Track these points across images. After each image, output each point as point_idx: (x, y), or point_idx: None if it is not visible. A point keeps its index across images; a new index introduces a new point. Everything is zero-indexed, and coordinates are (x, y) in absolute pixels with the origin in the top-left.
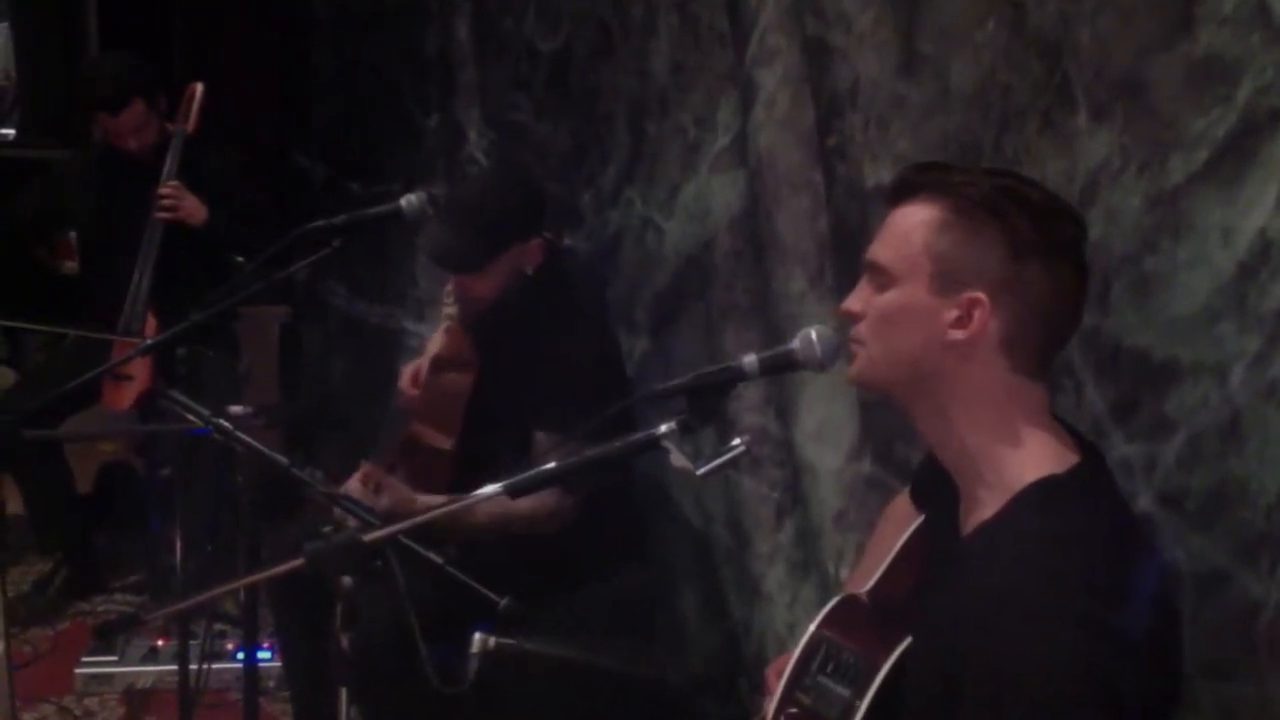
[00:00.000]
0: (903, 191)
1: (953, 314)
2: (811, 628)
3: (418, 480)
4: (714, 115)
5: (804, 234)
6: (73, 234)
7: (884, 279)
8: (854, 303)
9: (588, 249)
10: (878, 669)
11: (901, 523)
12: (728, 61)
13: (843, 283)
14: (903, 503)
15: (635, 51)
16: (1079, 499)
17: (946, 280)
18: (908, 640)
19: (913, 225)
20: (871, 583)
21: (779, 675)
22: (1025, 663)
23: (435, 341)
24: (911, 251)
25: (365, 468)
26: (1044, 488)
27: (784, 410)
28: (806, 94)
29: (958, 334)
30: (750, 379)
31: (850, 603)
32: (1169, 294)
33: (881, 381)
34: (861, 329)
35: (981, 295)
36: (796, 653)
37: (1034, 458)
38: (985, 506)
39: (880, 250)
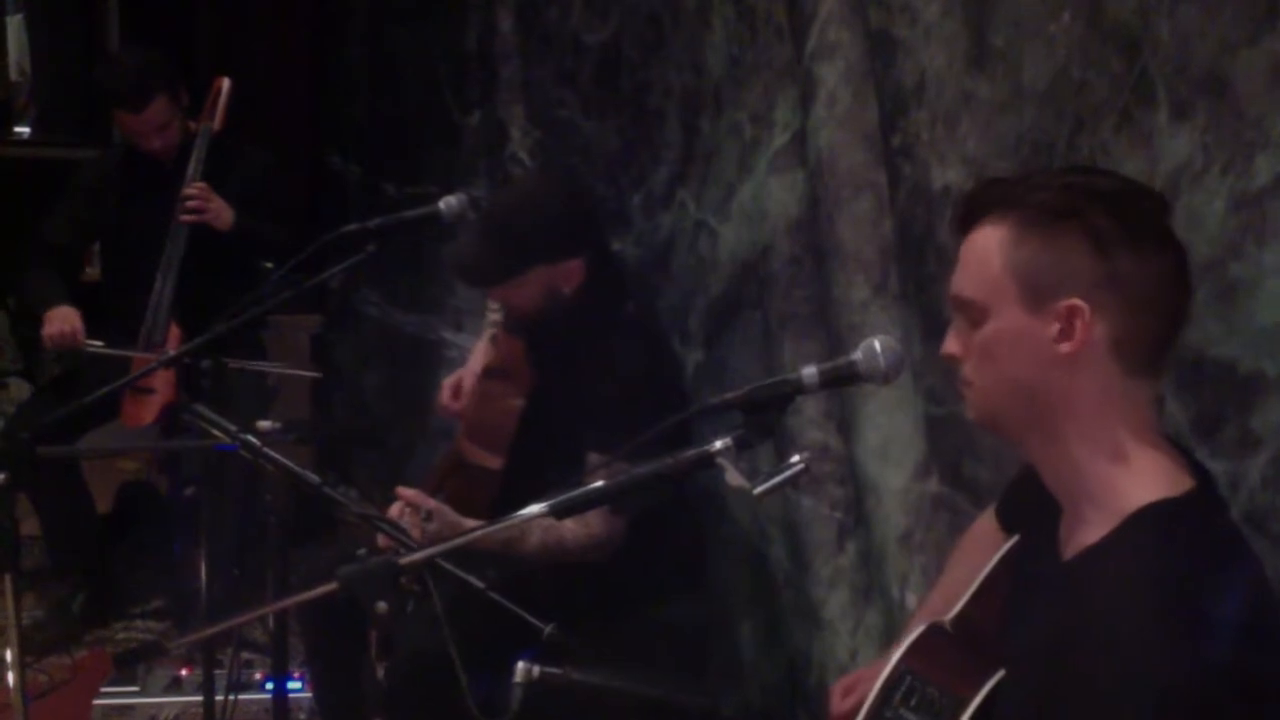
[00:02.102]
0: (968, 217)
1: (1054, 328)
2: (894, 659)
3: (462, 502)
4: (771, 112)
5: (867, 239)
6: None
7: (974, 313)
8: (951, 345)
9: (638, 255)
10: (966, 705)
11: (986, 544)
12: (786, 55)
13: (907, 290)
14: (986, 523)
15: (688, 45)
16: (1193, 526)
17: (1036, 295)
18: (999, 674)
19: (986, 249)
20: (956, 610)
21: (844, 694)
22: (1131, 695)
23: (480, 352)
24: (992, 276)
25: (408, 493)
26: (1158, 512)
27: (846, 425)
28: (870, 90)
29: (1064, 347)
30: (810, 392)
31: (935, 632)
32: (1254, 302)
33: (999, 416)
34: (967, 370)
35: (1078, 301)
36: (877, 686)
37: (1147, 479)
38: (1092, 528)
39: (961, 284)
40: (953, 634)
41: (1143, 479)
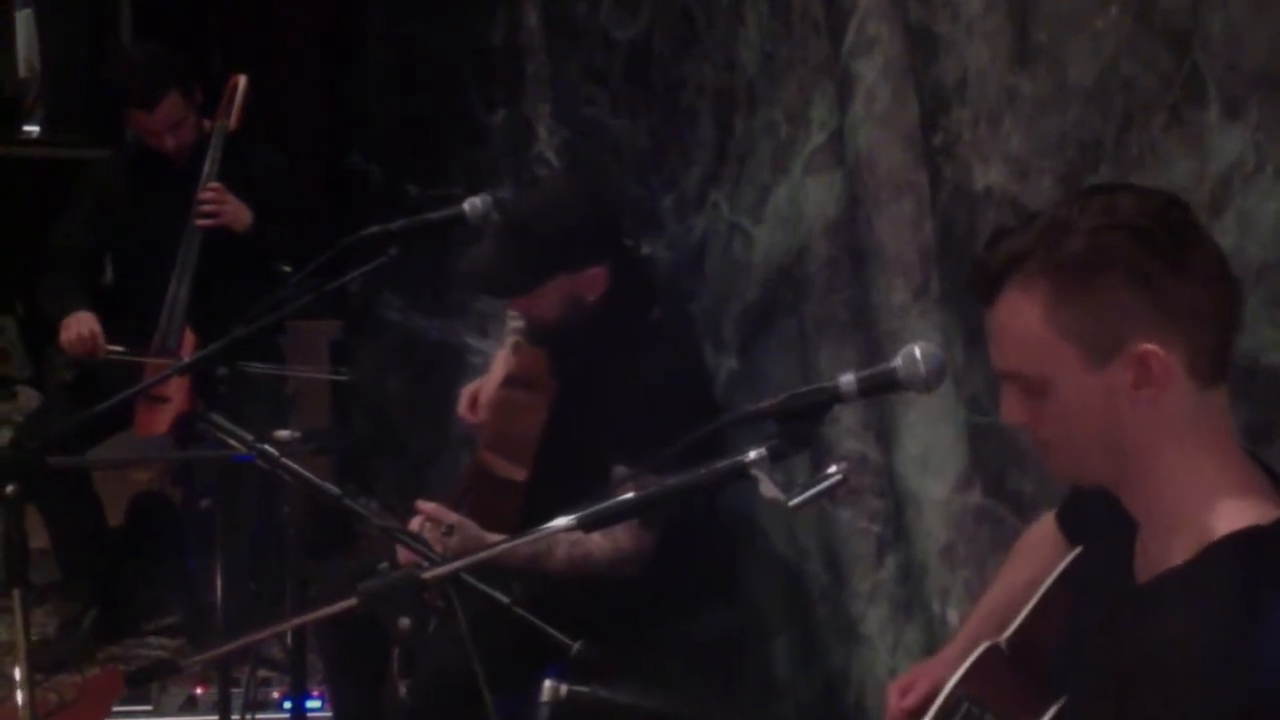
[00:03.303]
0: (988, 289)
1: (1128, 377)
2: (950, 685)
3: (485, 515)
4: (808, 111)
5: (907, 241)
6: None
7: (1033, 385)
8: (1014, 414)
9: (669, 258)
10: None
11: (1046, 551)
12: (823, 51)
13: (949, 293)
14: (1047, 528)
15: (721, 40)
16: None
17: (1099, 353)
18: (1060, 702)
19: (1026, 321)
20: (1013, 628)
21: (902, 694)
22: None
23: (502, 361)
24: (1042, 346)
25: (429, 507)
26: (1246, 541)
27: (885, 435)
28: (909, 87)
29: (1146, 392)
30: (848, 401)
31: (991, 654)
32: None
33: (1088, 472)
34: (1041, 435)
35: (1149, 346)
36: (931, 712)
37: (1234, 504)
38: (1172, 551)
39: (1009, 360)
40: (1009, 656)
41: (1229, 504)
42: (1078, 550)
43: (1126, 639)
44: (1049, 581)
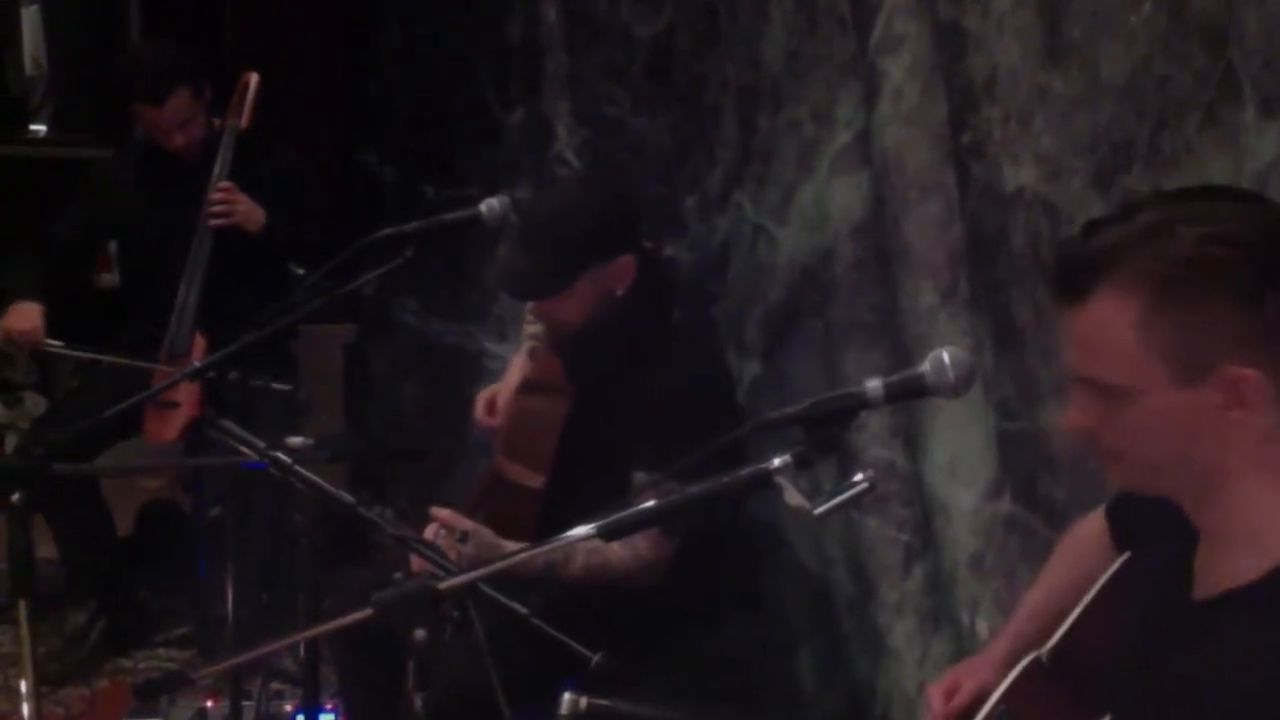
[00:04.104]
0: (1078, 286)
1: (1217, 398)
2: (991, 701)
3: (503, 524)
4: (833, 109)
5: (935, 243)
6: (112, 244)
7: (1113, 394)
8: (1079, 418)
9: (692, 260)
10: None
11: (1092, 553)
12: (849, 48)
13: (978, 296)
14: (1095, 527)
15: (745, 37)
16: None
17: (1191, 369)
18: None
19: (1117, 329)
20: (1056, 639)
21: (945, 695)
22: None
23: (518, 365)
24: (1129, 358)
25: (443, 513)
26: None
27: (912, 442)
28: (938, 85)
29: (1235, 414)
30: (874, 406)
31: (1035, 669)
32: None
33: (1157, 486)
34: (1111, 442)
35: (1247, 371)
36: None
37: None
38: (1239, 568)
39: (1089, 365)
40: (1051, 670)
41: None
42: (1126, 556)
43: (1184, 656)
44: (1095, 588)
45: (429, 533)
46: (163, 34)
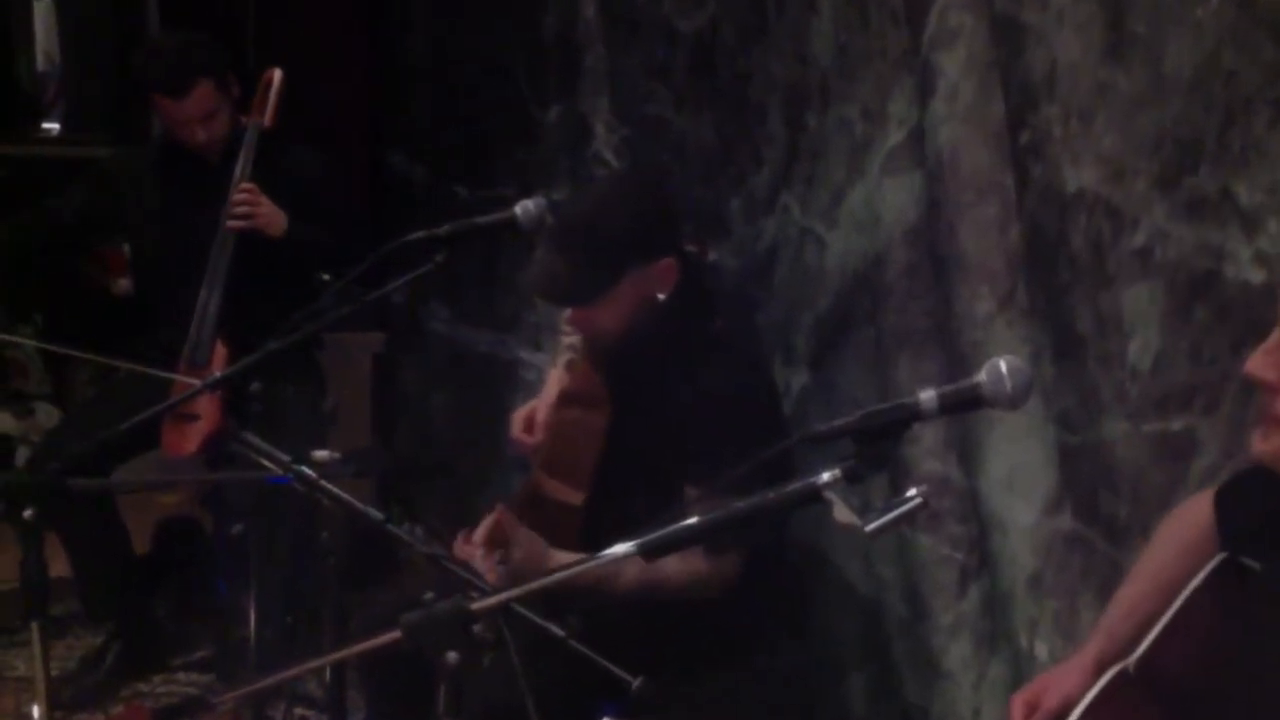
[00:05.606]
0: None
1: None
2: (1075, 715)
3: None
4: (885, 107)
5: (992, 247)
6: (126, 246)
7: None
8: (1268, 366)
9: (736, 265)
10: None
11: (1195, 547)
12: (902, 43)
13: (1037, 303)
14: (1199, 515)
15: (792, 31)
16: None
17: None
18: None
19: None
20: (1144, 647)
21: (1028, 706)
22: None
23: (556, 378)
24: None
25: (498, 511)
26: None
27: (968, 455)
28: (995, 82)
29: None
30: (928, 418)
31: (1121, 682)
32: None
33: None
34: None
35: None
36: None
37: None
38: None
39: None
40: (1138, 681)
41: None
42: (1222, 556)
43: None
44: (1187, 592)
45: (478, 533)
46: (182, 28)
